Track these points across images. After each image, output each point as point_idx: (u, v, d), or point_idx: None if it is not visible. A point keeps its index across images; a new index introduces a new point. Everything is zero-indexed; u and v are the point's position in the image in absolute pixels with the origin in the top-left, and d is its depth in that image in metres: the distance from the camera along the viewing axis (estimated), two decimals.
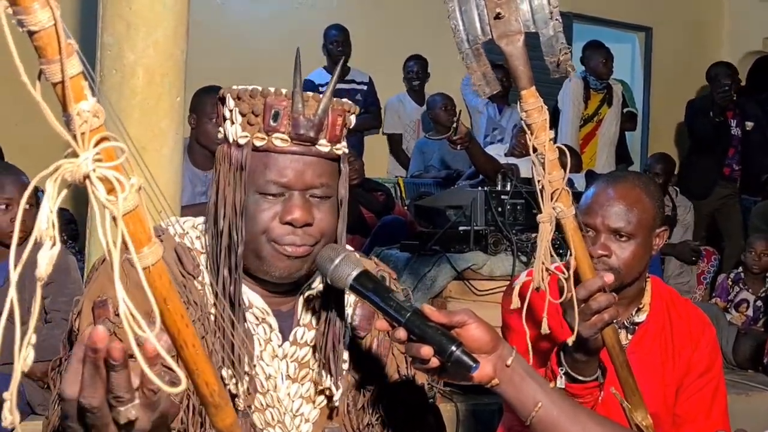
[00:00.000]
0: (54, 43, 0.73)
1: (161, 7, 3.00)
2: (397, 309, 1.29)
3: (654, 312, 2.12)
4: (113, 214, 0.78)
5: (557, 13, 1.56)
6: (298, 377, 1.48)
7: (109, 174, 0.77)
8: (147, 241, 0.83)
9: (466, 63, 1.60)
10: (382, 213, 5.20)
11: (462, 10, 1.58)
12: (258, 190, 1.39)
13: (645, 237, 2.01)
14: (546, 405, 1.31)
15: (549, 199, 1.58)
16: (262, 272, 1.42)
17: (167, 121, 3.05)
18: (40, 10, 0.71)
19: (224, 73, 5.44)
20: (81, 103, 0.75)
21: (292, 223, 1.38)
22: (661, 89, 8.49)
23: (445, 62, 7.29)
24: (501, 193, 4.17)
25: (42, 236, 0.74)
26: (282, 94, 1.37)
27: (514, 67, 1.55)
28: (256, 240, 1.39)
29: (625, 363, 1.79)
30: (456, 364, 1.25)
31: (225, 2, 6.89)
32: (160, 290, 0.87)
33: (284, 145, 1.37)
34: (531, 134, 1.54)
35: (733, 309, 5.19)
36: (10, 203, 3.09)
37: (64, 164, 0.76)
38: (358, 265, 1.35)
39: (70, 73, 0.74)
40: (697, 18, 8.66)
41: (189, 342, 0.92)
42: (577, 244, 1.64)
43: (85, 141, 0.76)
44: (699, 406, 2.11)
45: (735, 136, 6.96)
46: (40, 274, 0.75)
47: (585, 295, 1.63)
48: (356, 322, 1.55)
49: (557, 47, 1.57)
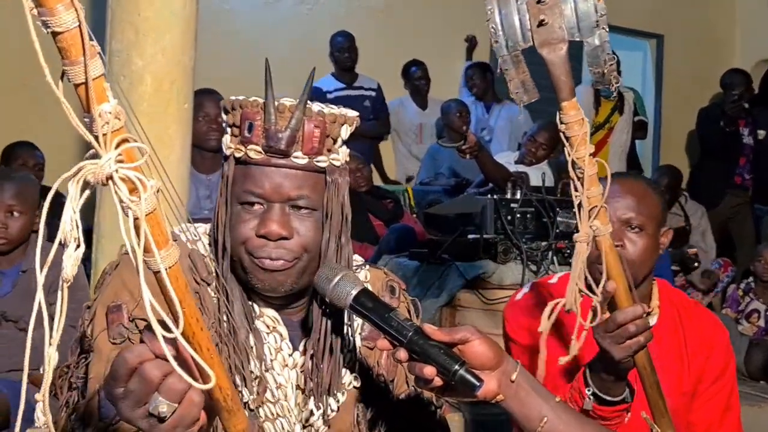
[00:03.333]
0: (78, 44, 0.74)
1: (170, 14, 3.00)
2: (398, 329, 1.27)
3: (664, 315, 2.07)
4: (136, 215, 0.79)
5: (604, 22, 1.47)
6: (307, 388, 1.47)
7: (132, 175, 0.78)
8: (165, 244, 0.83)
9: (504, 69, 1.51)
10: (390, 221, 5.19)
11: (502, 14, 1.49)
12: (239, 200, 1.39)
13: (654, 231, 1.98)
14: (552, 420, 1.30)
15: (587, 216, 1.50)
16: (251, 284, 1.42)
17: (175, 127, 3.04)
18: (65, 11, 0.72)
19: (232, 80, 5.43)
20: (103, 105, 0.76)
21: (266, 236, 1.37)
22: (672, 97, 8.47)
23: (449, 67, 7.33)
24: (511, 202, 4.16)
25: (66, 238, 0.74)
26: (258, 105, 1.37)
27: (556, 77, 1.47)
28: (237, 251, 1.40)
29: (656, 384, 1.73)
30: (460, 384, 1.23)
31: (233, 9, 6.91)
32: (177, 293, 0.87)
33: (258, 157, 1.37)
34: (570, 148, 1.47)
35: (744, 319, 5.15)
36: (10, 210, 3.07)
37: (87, 165, 0.76)
38: (357, 284, 1.32)
39: (93, 75, 0.75)
40: (709, 25, 8.63)
41: (203, 345, 0.92)
42: (613, 263, 1.56)
43: (107, 142, 0.76)
44: (713, 413, 2.08)
45: (747, 144, 6.92)
46: (67, 276, 0.76)
47: (626, 321, 1.58)
48: (365, 333, 1.53)
49: (603, 57, 1.50)
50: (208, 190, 3.85)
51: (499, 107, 6.91)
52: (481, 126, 6.83)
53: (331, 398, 1.47)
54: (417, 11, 7.35)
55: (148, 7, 2.97)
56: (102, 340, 1.37)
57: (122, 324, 1.36)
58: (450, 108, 6.46)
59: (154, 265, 0.83)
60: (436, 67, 7.08)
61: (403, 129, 7.02)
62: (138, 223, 0.79)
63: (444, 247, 4.15)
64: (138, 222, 0.79)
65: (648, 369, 1.70)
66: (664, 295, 2.11)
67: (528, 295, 2.14)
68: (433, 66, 7.05)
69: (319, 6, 7.20)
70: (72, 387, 1.46)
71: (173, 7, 3.00)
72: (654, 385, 1.72)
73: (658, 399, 1.74)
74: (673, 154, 8.27)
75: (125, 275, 1.41)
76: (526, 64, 1.51)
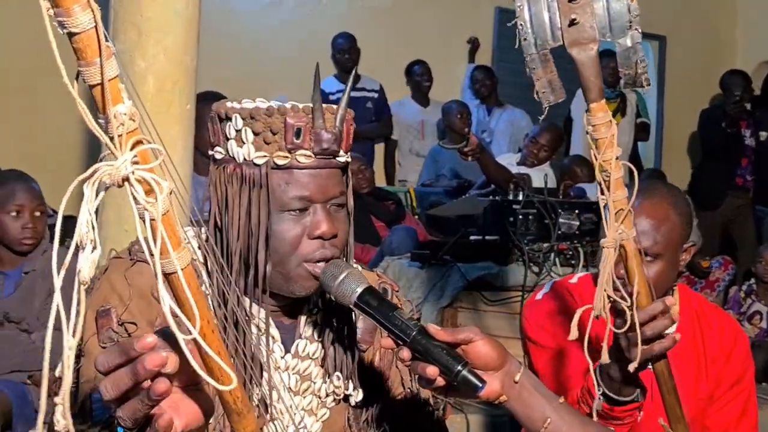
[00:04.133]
0: (94, 45, 0.74)
1: (172, 15, 2.99)
2: (401, 328, 1.27)
3: (683, 321, 2.04)
4: (152, 216, 0.78)
5: (637, 23, 1.43)
6: (299, 390, 1.47)
7: (147, 176, 0.78)
8: (178, 245, 0.83)
9: (531, 68, 1.47)
10: (392, 222, 5.19)
11: (531, 12, 1.45)
12: (281, 207, 1.36)
13: (672, 255, 1.93)
14: (555, 420, 1.30)
15: (614, 221, 1.45)
16: (286, 291, 1.40)
17: (177, 128, 3.04)
18: (81, 12, 0.72)
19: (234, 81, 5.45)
20: (118, 106, 0.76)
21: (321, 237, 1.37)
22: (674, 99, 8.46)
23: (451, 68, 7.34)
24: (513, 203, 4.16)
25: (83, 240, 0.74)
26: (300, 110, 1.35)
27: (585, 78, 1.42)
28: (285, 261, 1.37)
29: (673, 389, 1.69)
30: (462, 384, 1.23)
31: (236, 10, 6.91)
32: (192, 294, 0.87)
33: (308, 161, 1.35)
34: (597, 150, 1.42)
35: (746, 321, 5.14)
36: (21, 210, 3.11)
37: (103, 167, 0.76)
38: (363, 281, 1.33)
39: (108, 76, 0.75)
40: (711, 27, 8.63)
41: (214, 347, 0.91)
42: (636, 268, 1.53)
43: (122, 143, 0.76)
44: (729, 418, 2.07)
45: (749, 146, 6.91)
46: (84, 278, 0.75)
47: (645, 319, 1.54)
48: (359, 336, 1.53)
49: (634, 59, 1.46)
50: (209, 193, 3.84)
51: (500, 110, 6.92)
52: (482, 128, 6.86)
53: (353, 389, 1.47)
54: (419, 13, 7.37)
55: (150, 8, 2.97)
56: (92, 344, 1.37)
57: (111, 328, 1.35)
58: (451, 109, 6.46)
59: (170, 267, 0.82)
60: (438, 69, 7.10)
61: (404, 127, 7.03)
62: (155, 224, 0.78)
63: (446, 248, 4.15)
64: (155, 223, 0.78)
65: (666, 374, 1.68)
66: (684, 301, 2.09)
67: (548, 295, 2.13)
68: (435, 68, 7.07)
69: (322, 7, 7.20)
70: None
71: (175, 8, 3.00)
72: (671, 390, 1.70)
73: (675, 404, 1.71)
74: (675, 155, 8.27)
75: (114, 279, 1.40)
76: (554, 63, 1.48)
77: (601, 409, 1.67)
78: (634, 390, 1.69)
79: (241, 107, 1.37)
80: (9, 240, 3.10)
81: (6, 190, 3.15)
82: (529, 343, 2.08)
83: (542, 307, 2.10)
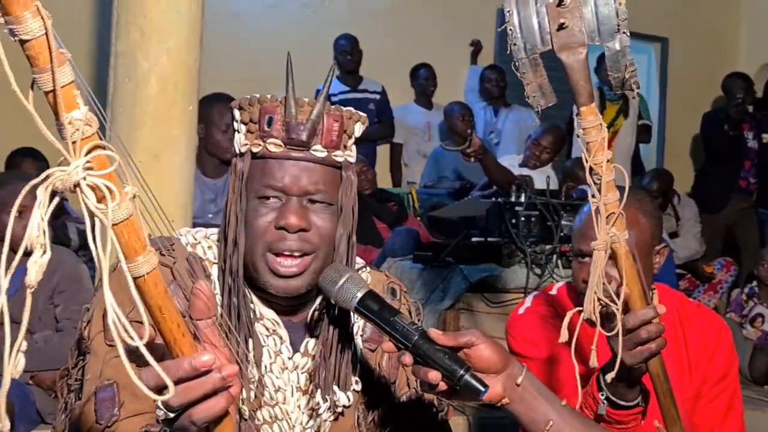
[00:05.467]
0: (45, 52, 0.74)
1: (175, 16, 3.00)
2: (403, 332, 1.26)
3: (663, 322, 2.05)
4: (104, 223, 0.78)
5: (625, 26, 1.44)
6: (308, 389, 1.47)
7: (99, 182, 0.78)
8: (141, 250, 0.83)
9: (521, 72, 1.48)
10: (394, 224, 5.19)
11: (521, 16, 1.45)
12: (256, 195, 1.39)
13: (644, 259, 1.93)
14: (557, 423, 1.30)
15: (604, 223, 1.46)
16: (261, 285, 1.41)
17: (180, 129, 3.04)
18: (32, 19, 0.72)
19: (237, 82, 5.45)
20: (73, 112, 0.76)
21: (285, 228, 1.37)
22: (676, 101, 8.46)
23: (453, 70, 7.35)
24: (515, 205, 4.16)
25: (33, 243, 0.75)
26: (277, 100, 1.38)
27: (575, 81, 1.43)
28: (253, 249, 1.39)
29: (669, 391, 1.70)
30: (465, 389, 1.23)
31: (238, 11, 6.92)
32: (156, 299, 0.88)
33: (278, 150, 1.37)
34: (588, 153, 1.43)
35: (749, 324, 5.13)
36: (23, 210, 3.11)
37: (56, 172, 0.76)
38: (363, 286, 1.33)
39: (61, 82, 0.75)
40: (713, 29, 8.62)
41: (185, 351, 0.93)
42: (628, 270, 1.53)
43: (76, 149, 0.76)
44: (716, 413, 2.07)
45: (751, 148, 6.91)
46: (30, 282, 0.76)
47: (636, 325, 1.55)
48: (367, 335, 1.53)
49: (623, 63, 1.46)
50: (214, 194, 3.85)
51: (507, 111, 6.93)
52: (490, 129, 6.84)
53: (342, 393, 1.46)
54: (422, 15, 7.37)
55: (153, 9, 2.98)
56: (98, 342, 1.37)
57: None
58: (453, 111, 6.46)
59: (132, 271, 0.83)
60: (440, 71, 7.11)
61: (410, 131, 7.04)
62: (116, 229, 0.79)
63: (448, 250, 4.15)
64: (117, 228, 0.79)
65: (661, 376, 1.68)
66: (664, 302, 2.09)
67: (531, 309, 2.15)
68: (437, 70, 7.08)
69: (324, 9, 7.21)
70: (70, 389, 1.47)
71: (178, 9, 3.01)
72: (667, 393, 1.70)
73: (671, 406, 1.72)
74: (677, 158, 8.26)
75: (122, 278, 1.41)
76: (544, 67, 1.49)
77: (605, 413, 1.67)
78: (637, 395, 1.69)
79: (240, 98, 1.42)
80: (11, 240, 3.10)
81: (8, 190, 3.16)
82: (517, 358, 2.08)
83: (526, 321, 2.12)
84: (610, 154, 1.45)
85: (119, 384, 1.30)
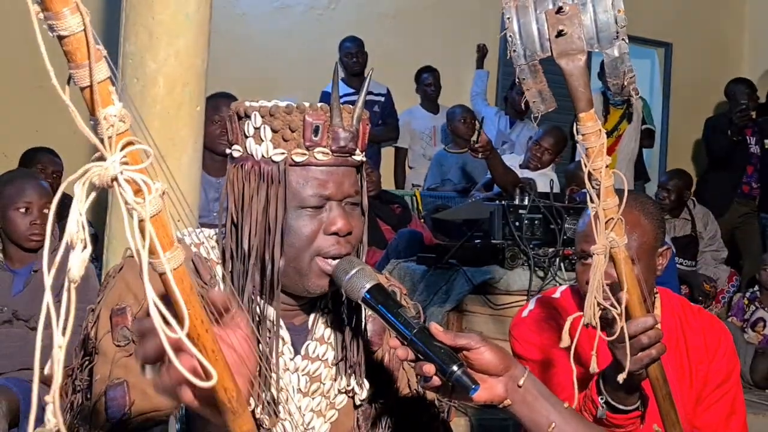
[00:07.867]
0: (83, 48, 0.74)
1: (183, 17, 3.01)
2: (404, 325, 1.29)
3: (665, 327, 2.03)
4: (141, 217, 0.79)
5: (624, 33, 1.45)
6: (309, 391, 1.48)
7: (137, 177, 0.78)
8: (170, 246, 0.84)
9: (521, 78, 1.50)
10: (398, 225, 5.20)
11: (520, 23, 1.48)
12: (299, 204, 1.38)
13: (647, 259, 1.95)
14: (559, 425, 1.31)
15: (603, 228, 1.47)
16: (300, 287, 1.42)
17: (187, 130, 3.06)
18: (71, 15, 0.73)
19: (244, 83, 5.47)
20: (108, 108, 0.77)
21: (337, 233, 1.39)
22: (680, 106, 8.46)
23: (459, 74, 7.36)
24: (519, 208, 4.16)
25: (73, 240, 0.75)
26: (318, 108, 1.38)
27: (574, 88, 1.45)
28: (300, 256, 1.39)
29: (668, 396, 1.71)
30: (456, 384, 1.25)
31: (246, 13, 6.94)
32: (182, 294, 0.88)
33: (325, 158, 1.38)
34: (587, 159, 1.44)
35: (750, 328, 5.14)
36: (29, 207, 3.14)
37: (92, 167, 0.77)
38: (373, 278, 1.36)
39: (97, 78, 0.75)
40: (717, 34, 8.63)
41: (208, 347, 0.93)
42: (627, 275, 1.53)
43: (112, 144, 0.77)
44: (718, 417, 2.08)
45: (754, 154, 6.92)
46: (74, 277, 0.75)
47: (637, 332, 1.56)
48: (368, 337, 1.55)
49: (622, 69, 1.48)
50: (218, 193, 3.86)
51: (522, 124, 6.88)
52: (502, 140, 6.80)
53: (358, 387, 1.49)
54: (428, 18, 7.39)
55: (161, 11, 2.99)
56: (106, 342, 1.38)
57: (126, 327, 1.36)
58: (455, 114, 6.47)
59: (159, 267, 0.83)
60: (446, 75, 7.12)
61: (416, 135, 7.04)
62: (143, 225, 0.79)
63: (451, 252, 4.16)
64: (143, 224, 0.79)
65: (660, 380, 1.69)
66: (666, 305, 2.10)
67: (534, 312, 2.16)
68: (443, 73, 7.10)
69: (331, 11, 7.23)
70: (76, 389, 1.47)
71: (187, 11, 3.02)
72: (666, 397, 1.71)
73: (670, 410, 1.73)
74: (680, 162, 8.25)
75: (129, 278, 1.42)
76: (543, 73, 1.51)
77: (604, 417, 1.69)
78: (636, 399, 1.71)
79: (260, 105, 1.39)
80: (17, 237, 3.13)
81: (15, 187, 3.18)
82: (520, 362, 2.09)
83: (529, 324, 2.13)
84: (609, 159, 1.46)
85: (129, 383, 1.31)
